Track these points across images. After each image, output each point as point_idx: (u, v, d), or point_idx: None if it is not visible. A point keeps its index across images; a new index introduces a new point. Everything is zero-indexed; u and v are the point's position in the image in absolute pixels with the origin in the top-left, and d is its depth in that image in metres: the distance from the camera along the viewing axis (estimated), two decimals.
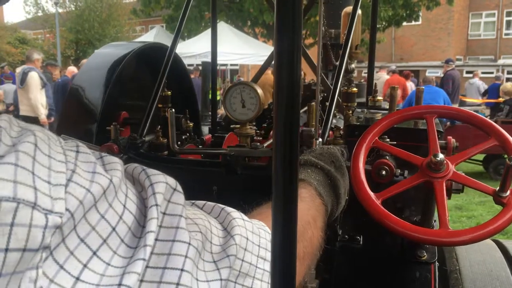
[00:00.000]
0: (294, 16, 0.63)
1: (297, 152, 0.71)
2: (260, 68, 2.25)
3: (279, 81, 0.66)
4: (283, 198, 0.71)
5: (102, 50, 1.94)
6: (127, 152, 1.49)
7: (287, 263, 0.71)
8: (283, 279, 0.63)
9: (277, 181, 0.65)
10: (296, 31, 0.65)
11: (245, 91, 1.48)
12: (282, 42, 0.62)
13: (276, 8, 0.67)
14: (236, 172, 1.39)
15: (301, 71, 0.59)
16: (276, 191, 0.67)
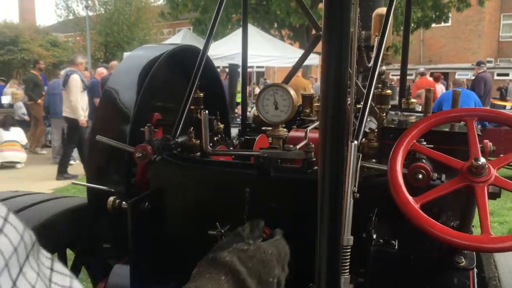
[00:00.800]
0: (342, 16, 0.63)
1: (343, 154, 0.70)
2: (291, 69, 2.25)
3: (327, 81, 0.65)
4: (329, 205, 0.70)
5: (135, 53, 1.97)
6: (160, 153, 1.50)
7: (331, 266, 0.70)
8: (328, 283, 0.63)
9: (323, 184, 0.65)
10: (344, 31, 0.65)
11: (278, 93, 1.48)
12: (330, 43, 0.62)
13: (324, 7, 0.66)
14: (269, 174, 1.39)
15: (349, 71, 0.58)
16: (322, 196, 0.66)
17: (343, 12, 0.54)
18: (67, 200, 1.87)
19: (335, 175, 0.67)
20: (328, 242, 0.77)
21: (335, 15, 0.56)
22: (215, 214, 1.44)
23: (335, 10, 0.56)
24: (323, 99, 0.59)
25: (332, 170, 0.65)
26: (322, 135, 0.59)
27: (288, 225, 1.40)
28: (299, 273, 1.41)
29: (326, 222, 0.73)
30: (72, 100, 8.73)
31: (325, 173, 0.66)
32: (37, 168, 10.54)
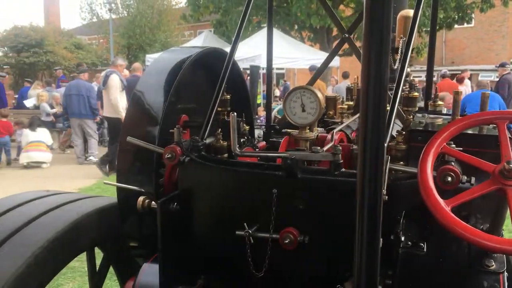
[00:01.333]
0: (383, 15, 0.64)
1: (383, 155, 0.71)
2: (315, 71, 2.25)
3: (367, 84, 0.67)
4: (368, 206, 0.72)
5: (163, 56, 2.00)
6: (189, 154, 1.53)
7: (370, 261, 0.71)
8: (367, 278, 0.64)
9: (362, 182, 0.66)
10: (385, 32, 0.65)
11: (305, 95, 1.49)
12: (370, 43, 0.63)
13: (365, 6, 0.67)
14: (296, 175, 1.40)
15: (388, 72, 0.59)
16: (362, 197, 0.68)
17: (384, 14, 0.55)
18: (97, 199, 1.91)
19: (374, 176, 0.68)
20: (368, 244, 0.78)
21: (376, 18, 0.58)
22: (242, 215, 1.46)
23: (376, 13, 0.57)
24: (363, 103, 0.60)
25: (372, 172, 0.66)
26: (362, 137, 0.60)
27: (315, 226, 1.41)
28: (325, 273, 1.42)
29: (365, 223, 0.74)
30: (112, 99, 8.97)
31: (364, 174, 0.67)
32: (62, 168, 10.74)
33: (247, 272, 1.47)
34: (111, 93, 8.96)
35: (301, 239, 1.40)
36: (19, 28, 24.56)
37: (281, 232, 1.40)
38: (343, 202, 1.39)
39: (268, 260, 1.43)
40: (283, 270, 1.47)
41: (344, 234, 1.39)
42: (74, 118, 11.25)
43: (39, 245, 1.51)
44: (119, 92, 9.00)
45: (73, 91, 11.16)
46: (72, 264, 3.33)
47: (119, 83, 9.02)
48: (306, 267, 1.45)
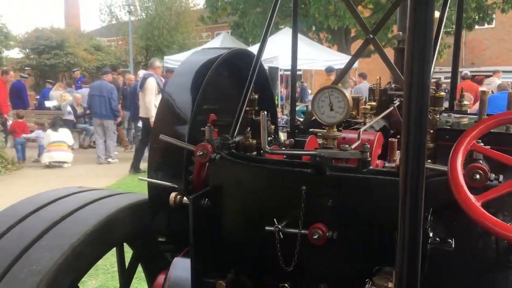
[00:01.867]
0: (427, 15, 0.67)
1: (424, 154, 0.75)
2: (340, 73, 2.28)
3: (411, 85, 0.70)
4: (410, 204, 0.75)
5: (192, 57, 2.06)
6: (220, 152, 1.58)
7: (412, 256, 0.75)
8: (409, 267, 0.68)
9: (405, 174, 0.70)
10: (427, 36, 0.69)
11: (334, 95, 1.53)
12: (414, 42, 0.67)
13: (409, 8, 0.71)
14: (325, 173, 1.44)
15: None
16: (404, 195, 0.71)
17: (428, 16, 0.58)
18: (128, 195, 1.98)
19: (417, 175, 0.72)
20: (410, 241, 0.81)
21: (420, 21, 0.61)
22: (271, 211, 1.50)
23: (420, 15, 0.60)
24: (406, 103, 0.63)
25: (414, 171, 0.69)
26: (405, 137, 0.64)
27: (343, 222, 1.45)
28: (353, 269, 1.46)
29: (407, 220, 0.78)
30: (146, 102, 9.25)
31: (407, 174, 0.71)
32: (83, 168, 10.92)
33: (276, 266, 1.51)
34: (146, 95, 9.25)
35: (329, 235, 1.43)
36: (40, 30, 25.00)
37: (310, 228, 1.44)
38: (371, 199, 1.42)
39: (297, 255, 1.47)
40: (312, 264, 1.50)
41: (372, 230, 1.43)
42: (96, 118, 11.50)
43: (76, 238, 1.57)
44: (154, 95, 9.23)
45: (95, 92, 11.41)
46: None
47: (155, 86, 9.28)
48: (335, 262, 1.48)
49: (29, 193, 7.01)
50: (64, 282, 1.52)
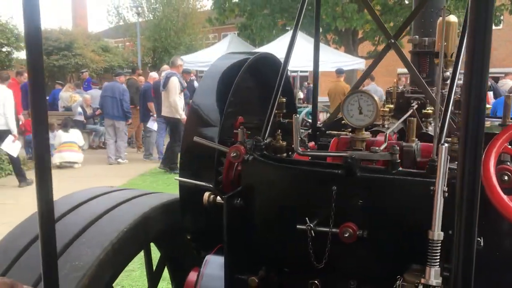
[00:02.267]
0: (486, 16, 0.72)
1: (481, 157, 0.80)
2: (360, 77, 2.34)
3: (469, 88, 0.76)
4: (466, 206, 0.81)
5: (219, 62, 2.13)
6: (252, 153, 1.64)
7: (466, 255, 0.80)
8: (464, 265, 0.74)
9: (462, 178, 0.76)
10: (487, 39, 0.74)
11: (363, 99, 1.59)
12: (474, 41, 0.71)
13: (470, 5, 0.76)
14: (356, 173, 1.50)
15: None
16: (461, 197, 0.77)
17: (487, 19, 0.63)
18: (159, 195, 2.05)
19: (474, 178, 0.77)
20: (465, 238, 0.86)
21: (479, 24, 0.65)
22: (302, 210, 1.56)
23: (479, 18, 0.64)
24: (465, 106, 0.69)
25: (470, 175, 0.75)
26: (463, 141, 0.69)
27: (374, 221, 1.50)
28: (384, 266, 1.51)
29: (463, 222, 0.84)
30: (171, 101, 9.33)
31: (464, 176, 0.76)
32: (93, 168, 11.03)
33: (306, 263, 1.57)
34: (171, 95, 9.33)
35: (360, 234, 1.49)
36: (49, 32, 25.16)
37: (341, 227, 1.50)
38: (401, 199, 1.48)
39: (328, 252, 1.53)
40: (342, 262, 1.56)
41: (401, 229, 1.48)
42: (107, 119, 11.63)
43: (114, 235, 1.64)
44: (178, 94, 9.33)
45: (108, 93, 11.55)
46: None
47: (178, 85, 9.36)
48: (364, 259, 1.54)
49: (56, 193, 7.05)
50: (104, 278, 1.59)
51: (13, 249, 1.62)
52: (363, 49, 20.66)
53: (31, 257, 1.57)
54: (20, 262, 1.57)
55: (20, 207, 7.69)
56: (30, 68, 0.96)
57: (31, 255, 1.58)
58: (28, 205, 7.86)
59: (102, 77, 23.03)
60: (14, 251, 1.61)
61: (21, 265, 1.56)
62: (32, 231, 1.65)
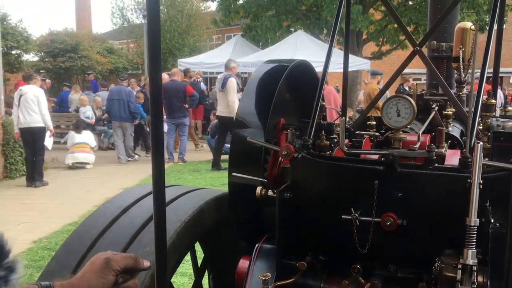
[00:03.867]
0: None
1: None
2: (388, 80, 2.52)
3: None
4: None
5: (262, 68, 2.33)
6: (301, 152, 1.83)
7: None
8: None
9: None
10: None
11: (401, 102, 1.79)
12: None
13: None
14: (396, 169, 1.69)
15: None
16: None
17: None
18: (210, 190, 2.25)
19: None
20: None
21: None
22: (347, 202, 1.75)
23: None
24: None
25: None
26: None
27: (412, 211, 1.70)
28: (423, 250, 1.71)
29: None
30: (230, 100, 9.71)
31: None
32: (105, 168, 11.24)
33: (350, 249, 1.77)
34: (230, 94, 9.75)
35: (400, 222, 1.68)
36: (55, 34, 25.41)
37: (382, 216, 1.69)
38: (437, 191, 1.67)
39: (370, 239, 1.73)
40: (382, 248, 1.76)
41: (437, 218, 1.68)
42: (115, 121, 11.87)
43: (178, 225, 1.84)
44: (236, 94, 9.79)
45: (115, 96, 11.81)
46: None
47: (236, 85, 9.82)
48: (403, 245, 1.73)
49: (59, 193, 7.42)
50: (170, 263, 1.78)
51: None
52: (367, 50, 20.85)
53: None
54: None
55: (36, 206, 7.90)
56: (150, 69, 1.12)
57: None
58: (44, 205, 8.03)
59: (107, 79, 23.23)
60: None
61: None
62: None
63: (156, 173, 1.12)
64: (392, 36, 18.77)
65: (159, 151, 1.12)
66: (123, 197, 2.10)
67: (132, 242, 1.78)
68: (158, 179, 1.12)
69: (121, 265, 1.12)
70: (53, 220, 6.98)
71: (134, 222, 1.87)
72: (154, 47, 1.12)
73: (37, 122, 9.14)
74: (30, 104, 9.02)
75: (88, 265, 1.11)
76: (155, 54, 1.11)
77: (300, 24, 19.28)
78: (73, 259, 1.76)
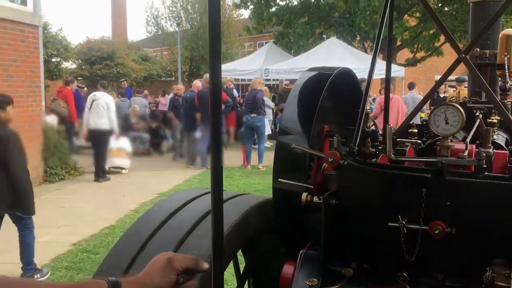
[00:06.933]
0: None
1: None
2: (432, 88, 2.51)
3: None
4: None
5: (304, 75, 2.36)
6: (347, 159, 1.85)
7: None
8: None
9: None
10: None
11: (449, 110, 1.78)
12: None
13: None
14: (445, 177, 1.68)
15: None
16: None
17: None
18: (254, 196, 2.29)
19: None
20: None
21: None
22: (393, 210, 1.75)
23: None
24: None
25: None
26: None
27: (461, 220, 1.68)
28: (472, 259, 1.69)
29: None
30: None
31: None
32: (140, 174, 11.45)
33: (395, 256, 1.76)
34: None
35: (448, 230, 1.67)
36: (92, 42, 26.13)
37: (430, 224, 1.68)
38: (486, 200, 1.66)
39: (418, 247, 1.72)
40: (429, 256, 1.75)
41: (487, 227, 1.66)
42: None
43: (225, 229, 1.87)
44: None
45: None
46: None
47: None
48: (451, 254, 1.72)
49: (100, 197, 7.62)
50: None
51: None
52: (401, 57, 20.61)
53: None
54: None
55: (74, 210, 8.12)
56: (211, 73, 1.12)
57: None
58: (82, 209, 8.22)
59: (141, 86, 23.69)
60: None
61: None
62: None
63: (214, 174, 1.15)
64: (428, 42, 18.50)
65: (217, 151, 1.16)
66: (171, 201, 2.16)
67: (180, 245, 1.83)
68: (217, 180, 1.15)
69: (183, 265, 1.16)
70: (91, 224, 7.16)
71: (181, 226, 1.92)
72: (214, 49, 1.10)
73: (104, 124, 10.30)
74: (100, 109, 10.20)
75: (151, 264, 1.15)
76: (215, 52, 1.10)
77: (332, 31, 19.24)
78: (124, 260, 1.82)
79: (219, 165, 1.17)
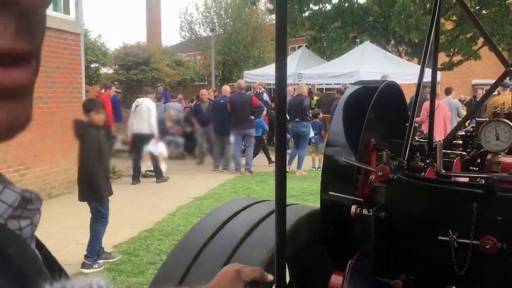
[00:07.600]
0: None
1: None
2: (482, 96, 2.51)
3: None
4: None
5: (351, 89, 2.41)
6: (396, 173, 1.89)
7: None
8: None
9: None
10: None
11: (500, 126, 1.80)
12: None
13: None
14: (496, 193, 1.70)
15: None
16: None
17: None
18: (302, 207, 2.35)
19: None
20: None
21: None
22: (443, 224, 1.78)
23: None
24: None
25: None
26: None
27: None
28: None
29: None
30: None
31: None
32: (176, 177, 11.65)
33: (445, 270, 1.79)
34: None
35: (499, 246, 1.69)
36: (128, 47, 26.73)
37: (481, 239, 1.70)
38: None
39: (468, 262, 1.74)
40: (480, 271, 1.76)
41: None
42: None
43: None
44: None
45: None
46: None
47: None
48: (503, 270, 1.74)
49: (135, 200, 7.81)
50: None
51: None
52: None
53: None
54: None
55: (113, 213, 8.34)
56: (277, 78, 1.08)
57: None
58: (120, 211, 8.45)
59: (175, 90, 24.06)
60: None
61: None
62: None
63: (279, 180, 1.18)
64: (465, 46, 18.14)
65: (282, 153, 1.21)
66: (222, 210, 2.24)
67: (233, 255, 1.90)
68: (281, 185, 1.19)
69: (250, 277, 1.22)
70: (130, 226, 7.34)
71: (233, 236, 2.00)
72: (281, 51, 1.08)
73: (146, 129, 10.64)
74: (142, 114, 10.57)
75: (219, 275, 1.22)
76: (281, 54, 1.07)
77: (366, 35, 19.11)
78: (180, 270, 1.91)
79: (283, 169, 1.20)
